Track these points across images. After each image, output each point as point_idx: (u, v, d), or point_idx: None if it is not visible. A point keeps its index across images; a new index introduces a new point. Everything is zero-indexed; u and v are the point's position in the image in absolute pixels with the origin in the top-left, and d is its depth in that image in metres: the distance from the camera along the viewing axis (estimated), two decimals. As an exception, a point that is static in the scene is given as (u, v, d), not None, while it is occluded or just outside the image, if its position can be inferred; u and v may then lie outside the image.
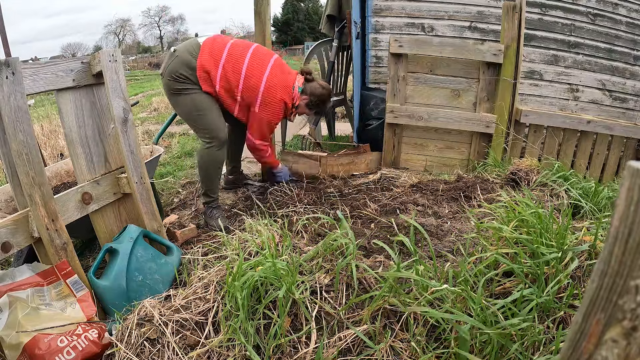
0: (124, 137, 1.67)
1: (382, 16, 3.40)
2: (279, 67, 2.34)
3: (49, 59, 6.32)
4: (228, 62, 2.20)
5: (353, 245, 1.36)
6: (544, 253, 1.22)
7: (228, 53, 2.21)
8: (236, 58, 2.22)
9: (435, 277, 1.25)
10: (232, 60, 2.21)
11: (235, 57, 2.22)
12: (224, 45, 2.24)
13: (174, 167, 3.73)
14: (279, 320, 1.16)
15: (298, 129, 5.34)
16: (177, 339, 1.21)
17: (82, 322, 1.36)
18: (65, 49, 46.00)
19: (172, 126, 4.74)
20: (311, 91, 2.42)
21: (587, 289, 0.41)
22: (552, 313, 1.15)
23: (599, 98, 3.40)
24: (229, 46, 2.24)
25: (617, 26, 3.27)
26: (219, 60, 2.19)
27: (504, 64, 2.76)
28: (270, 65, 2.29)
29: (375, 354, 1.09)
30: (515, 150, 2.92)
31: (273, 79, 2.27)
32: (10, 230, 1.34)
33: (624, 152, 2.98)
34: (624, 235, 0.36)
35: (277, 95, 2.29)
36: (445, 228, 1.87)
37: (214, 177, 2.35)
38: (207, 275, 1.43)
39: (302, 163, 2.92)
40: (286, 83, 2.33)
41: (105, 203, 1.71)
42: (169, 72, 2.18)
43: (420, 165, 3.13)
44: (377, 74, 3.52)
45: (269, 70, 2.27)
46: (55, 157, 3.78)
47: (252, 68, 2.23)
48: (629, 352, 0.36)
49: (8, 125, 1.29)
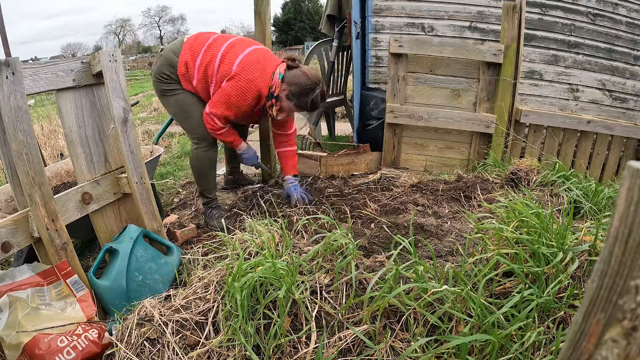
0: (124, 137, 1.67)
1: (382, 16, 3.40)
2: (261, 52, 2.12)
3: (49, 59, 6.32)
4: (206, 52, 2.11)
5: (353, 245, 1.36)
6: (545, 253, 1.22)
7: (208, 44, 2.14)
8: (215, 47, 2.12)
9: (435, 278, 1.25)
10: (210, 49, 2.12)
11: (213, 47, 2.12)
12: (207, 38, 2.18)
13: (174, 167, 3.73)
14: (279, 321, 1.16)
15: (298, 129, 5.33)
16: (177, 339, 1.21)
17: (82, 322, 1.36)
18: (65, 49, 46.03)
19: (172, 126, 4.73)
20: (290, 79, 2.05)
21: (587, 289, 0.41)
22: (552, 313, 1.15)
23: (599, 98, 3.39)
24: (211, 39, 2.17)
25: (617, 26, 3.27)
26: (199, 52, 2.12)
27: (504, 64, 2.76)
28: (250, 49, 2.10)
29: (375, 354, 1.09)
30: (515, 150, 2.92)
31: (248, 60, 2.06)
32: (10, 230, 1.34)
33: (624, 152, 2.97)
34: (624, 235, 0.36)
35: (248, 74, 2.03)
36: (445, 228, 1.87)
37: (207, 177, 2.32)
38: (207, 275, 1.43)
39: (302, 163, 2.92)
40: (263, 66, 2.06)
41: (105, 203, 1.71)
42: (155, 72, 2.18)
43: (420, 165, 3.13)
44: (377, 74, 3.52)
45: (246, 52, 2.08)
46: (55, 157, 3.78)
47: (229, 51, 2.09)
48: (629, 352, 0.36)
49: (8, 125, 1.29)
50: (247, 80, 2.04)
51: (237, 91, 2.05)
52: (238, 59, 2.07)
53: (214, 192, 2.39)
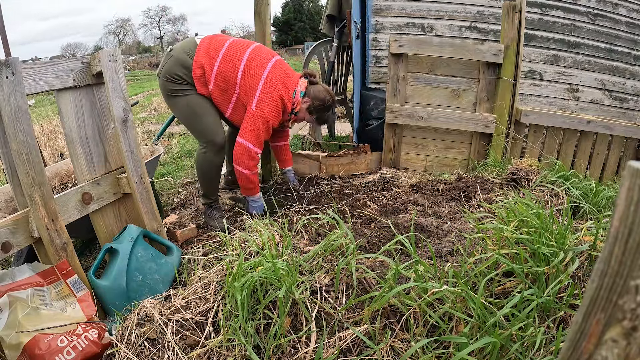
0: (124, 137, 1.67)
1: (382, 16, 3.40)
2: (281, 66, 2.21)
3: (49, 59, 6.32)
4: (225, 59, 2.11)
5: (353, 245, 1.36)
6: (545, 253, 1.22)
7: (226, 50, 2.13)
8: (234, 54, 2.13)
9: (435, 278, 1.25)
10: (230, 57, 2.12)
11: (233, 54, 2.13)
12: (222, 43, 2.16)
13: (174, 167, 3.73)
14: (279, 321, 1.16)
15: (298, 129, 5.34)
16: (177, 339, 1.21)
17: (82, 322, 1.36)
18: (65, 49, 46.05)
19: (172, 126, 4.74)
20: (315, 94, 2.26)
21: (587, 289, 0.41)
22: (553, 313, 1.15)
23: (599, 98, 3.39)
24: (227, 44, 2.16)
25: (617, 26, 3.27)
26: (216, 57, 2.11)
27: (504, 64, 2.76)
28: (272, 63, 2.17)
29: (375, 354, 1.09)
30: (515, 150, 2.92)
31: (274, 75, 2.14)
32: (10, 230, 1.34)
33: (624, 152, 2.97)
34: (624, 235, 0.36)
35: (277, 92, 2.13)
36: (445, 228, 1.87)
37: (212, 180, 2.31)
38: (207, 275, 1.43)
39: (302, 163, 2.92)
40: (287, 83, 2.19)
41: (105, 203, 1.71)
42: (165, 73, 2.13)
43: (420, 165, 3.13)
44: (377, 74, 3.52)
45: (270, 67, 2.15)
46: (55, 157, 3.78)
47: (251, 63, 2.13)
48: (629, 352, 0.36)
49: (8, 125, 1.29)
50: (277, 100, 2.15)
51: (271, 113, 2.15)
52: (265, 74, 2.13)
53: (216, 194, 2.39)
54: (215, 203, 2.39)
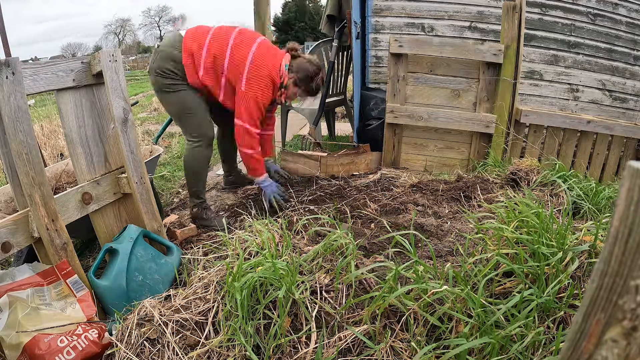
0: (124, 137, 1.67)
1: (382, 16, 3.40)
2: (266, 45, 2.28)
3: (49, 59, 6.31)
4: (213, 42, 2.17)
5: (353, 245, 1.36)
6: (545, 253, 1.21)
7: (213, 33, 2.20)
8: (221, 37, 2.19)
9: (435, 278, 1.25)
10: (218, 37, 2.19)
11: (220, 36, 2.19)
12: (208, 29, 2.24)
13: (174, 167, 3.73)
14: (279, 321, 1.16)
15: (298, 129, 5.34)
16: (177, 339, 1.21)
17: (82, 322, 1.36)
18: (65, 49, 46.07)
19: (172, 126, 4.73)
20: (297, 66, 2.29)
21: (587, 289, 0.41)
22: (553, 313, 1.14)
23: (599, 98, 3.39)
24: (213, 29, 2.24)
25: (617, 26, 3.27)
26: (204, 39, 2.17)
27: (504, 64, 2.76)
28: (257, 43, 2.23)
29: (375, 354, 1.09)
30: (515, 150, 2.92)
31: (260, 54, 2.19)
32: (10, 230, 1.34)
33: (624, 152, 2.97)
34: (624, 235, 0.36)
35: (264, 70, 2.18)
36: (445, 228, 1.87)
37: (203, 175, 2.36)
38: (207, 275, 1.43)
39: (302, 163, 2.92)
40: (274, 60, 2.24)
41: (105, 203, 1.71)
42: (155, 68, 2.18)
43: (420, 165, 3.13)
44: (377, 74, 3.51)
45: (255, 46, 2.21)
46: (55, 157, 3.78)
47: (238, 44, 2.19)
48: (629, 352, 0.36)
49: (8, 125, 1.29)
50: (265, 77, 2.18)
51: (261, 92, 2.19)
52: (251, 53, 2.17)
53: (204, 192, 2.41)
54: (205, 203, 2.39)
